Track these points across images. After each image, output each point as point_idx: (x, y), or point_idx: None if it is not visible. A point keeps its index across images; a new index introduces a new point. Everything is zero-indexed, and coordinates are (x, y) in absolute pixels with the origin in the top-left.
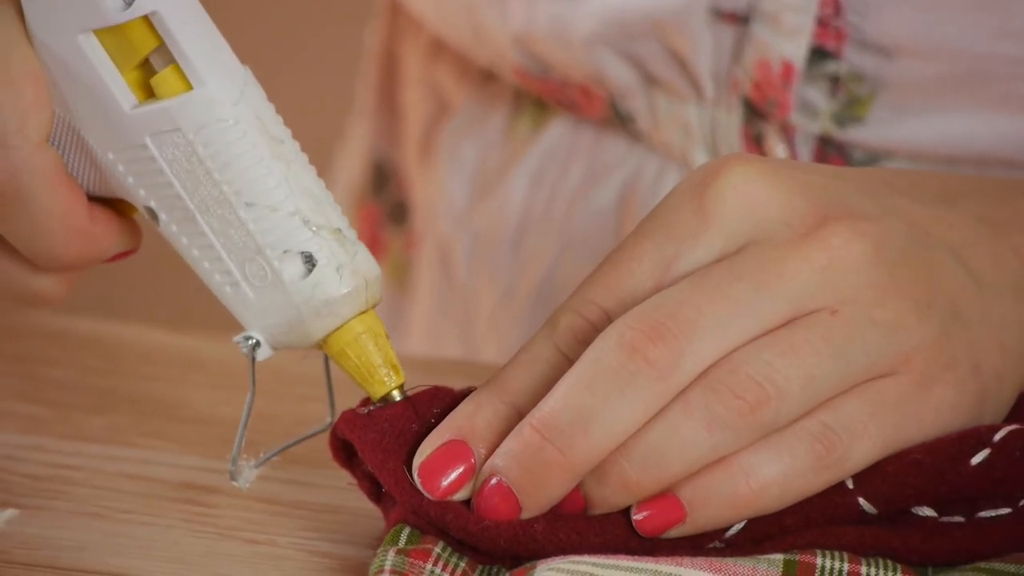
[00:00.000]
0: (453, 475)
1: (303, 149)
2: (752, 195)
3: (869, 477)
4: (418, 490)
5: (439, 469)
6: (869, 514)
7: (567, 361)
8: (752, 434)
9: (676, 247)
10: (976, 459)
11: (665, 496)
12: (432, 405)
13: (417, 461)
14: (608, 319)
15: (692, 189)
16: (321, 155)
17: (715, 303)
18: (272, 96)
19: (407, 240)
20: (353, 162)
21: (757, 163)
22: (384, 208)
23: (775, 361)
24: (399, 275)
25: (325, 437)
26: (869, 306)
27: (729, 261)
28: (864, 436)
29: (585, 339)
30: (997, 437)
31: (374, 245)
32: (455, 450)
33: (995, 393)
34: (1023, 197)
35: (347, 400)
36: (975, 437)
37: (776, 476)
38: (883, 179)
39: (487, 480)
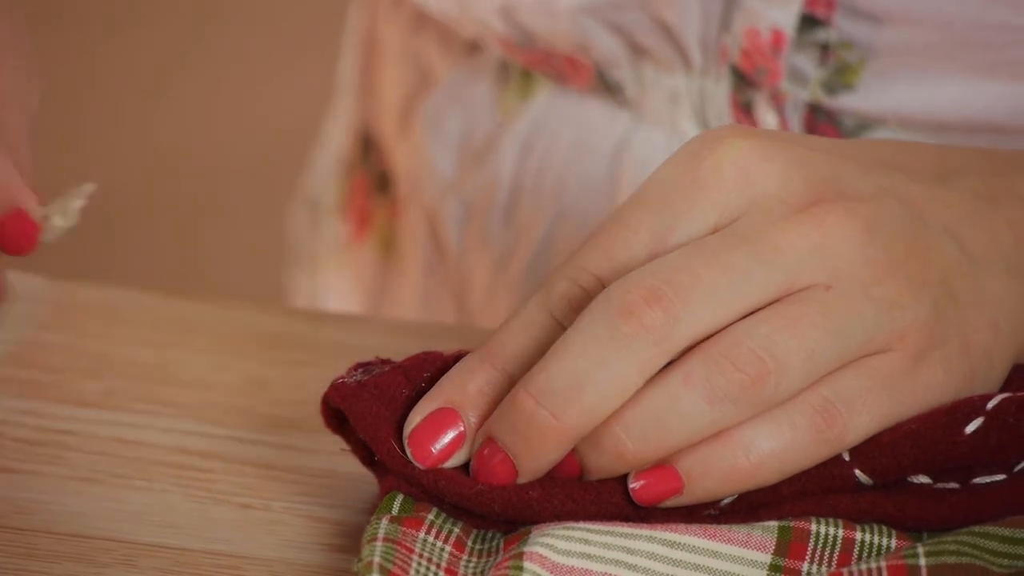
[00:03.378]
0: (442, 443)
1: (291, 123)
2: (748, 168)
3: (865, 448)
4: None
5: (429, 437)
6: (865, 485)
7: (560, 328)
8: (752, 408)
9: (672, 218)
10: (970, 427)
11: (663, 467)
12: (422, 370)
13: (407, 429)
14: (603, 287)
15: (688, 160)
16: (311, 127)
17: (712, 270)
18: (263, 71)
19: (391, 209)
20: (340, 134)
21: (754, 137)
22: (371, 177)
23: (775, 335)
24: (385, 244)
25: (318, 406)
26: (864, 283)
27: (725, 232)
28: (863, 410)
29: (579, 306)
30: (990, 405)
31: (363, 214)
32: (445, 417)
33: (984, 372)
34: (1020, 172)
35: (339, 366)
36: (969, 406)
37: (775, 450)
38: (879, 156)
39: (483, 445)
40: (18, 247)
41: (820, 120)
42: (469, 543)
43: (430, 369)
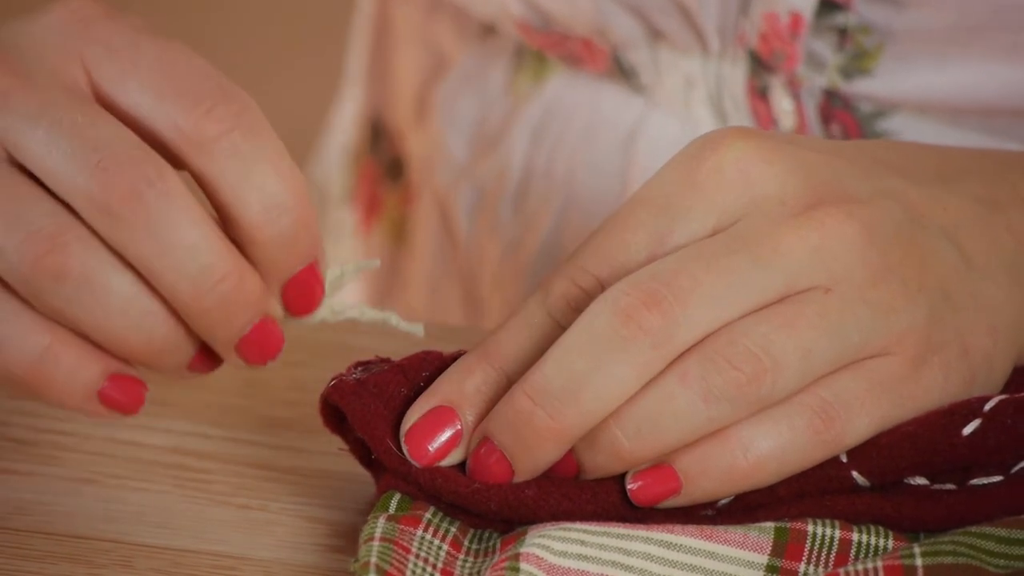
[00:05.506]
0: (439, 441)
1: (291, 122)
2: (748, 171)
3: (863, 450)
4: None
5: (426, 435)
6: (862, 486)
7: (559, 328)
8: (748, 407)
9: (671, 220)
10: (968, 429)
11: (661, 467)
12: (421, 369)
13: (404, 427)
14: (602, 288)
15: (688, 162)
16: (316, 118)
17: (711, 273)
18: (264, 68)
19: (404, 196)
20: (348, 123)
21: (755, 139)
22: (380, 164)
23: (771, 334)
24: (396, 231)
25: (315, 406)
26: (862, 286)
27: (725, 234)
28: (861, 412)
29: (578, 307)
30: (988, 407)
31: (372, 202)
32: (442, 416)
33: (984, 376)
34: (1022, 175)
35: (337, 366)
36: (966, 408)
37: (774, 450)
38: (880, 158)
39: (481, 444)
40: (304, 306)
41: (836, 106)
42: (466, 543)
43: (429, 368)
